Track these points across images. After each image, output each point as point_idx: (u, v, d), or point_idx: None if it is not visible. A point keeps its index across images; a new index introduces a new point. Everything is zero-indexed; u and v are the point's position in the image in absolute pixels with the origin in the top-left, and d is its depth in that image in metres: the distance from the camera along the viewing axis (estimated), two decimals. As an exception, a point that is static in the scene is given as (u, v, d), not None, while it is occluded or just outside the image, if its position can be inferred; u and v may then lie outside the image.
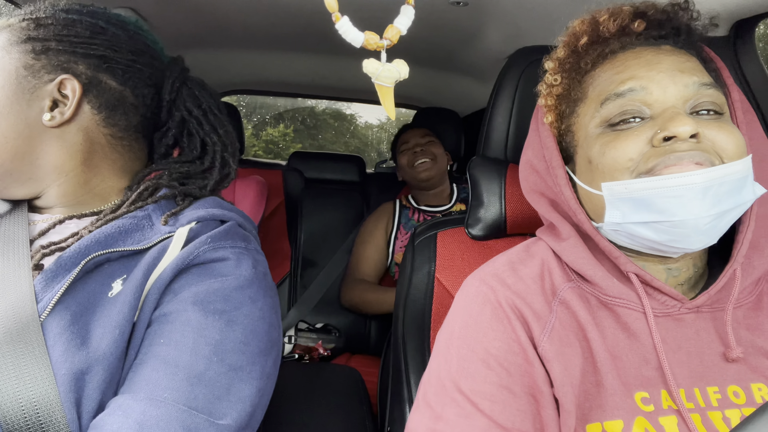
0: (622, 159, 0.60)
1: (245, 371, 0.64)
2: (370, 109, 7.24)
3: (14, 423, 0.59)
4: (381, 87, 0.57)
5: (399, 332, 0.96)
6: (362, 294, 1.79)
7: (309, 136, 7.41)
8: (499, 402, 0.60)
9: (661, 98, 0.60)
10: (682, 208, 0.57)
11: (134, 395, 0.60)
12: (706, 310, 0.64)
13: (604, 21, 0.66)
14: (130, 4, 1.46)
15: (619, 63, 0.64)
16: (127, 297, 0.64)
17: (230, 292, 0.67)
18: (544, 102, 0.71)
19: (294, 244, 2.13)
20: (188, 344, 0.62)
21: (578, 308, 0.64)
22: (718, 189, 0.57)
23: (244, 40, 1.88)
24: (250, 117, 6.96)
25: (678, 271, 0.66)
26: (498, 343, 0.63)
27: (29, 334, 0.61)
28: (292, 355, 1.79)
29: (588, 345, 0.62)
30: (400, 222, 1.90)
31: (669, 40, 0.65)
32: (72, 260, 0.66)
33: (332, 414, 0.99)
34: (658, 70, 0.61)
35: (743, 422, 0.37)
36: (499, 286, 0.66)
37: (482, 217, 0.99)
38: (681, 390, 0.60)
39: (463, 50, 1.80)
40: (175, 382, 0.60)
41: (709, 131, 0.59)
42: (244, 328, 0.66)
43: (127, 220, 0.71)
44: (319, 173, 2.39)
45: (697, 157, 0.57)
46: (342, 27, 0.54)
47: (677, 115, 0.58)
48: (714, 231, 0.60)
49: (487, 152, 1.02)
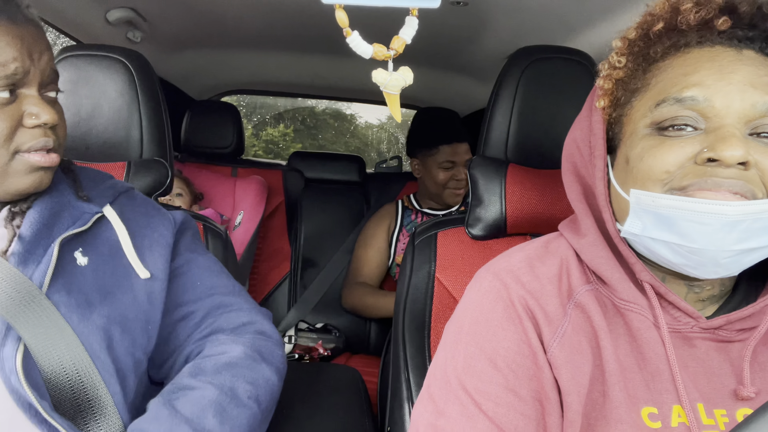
0: (658, 170, 0.55)
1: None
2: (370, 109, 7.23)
3: (59, 386, 0.66)
4: (388, 94, 0.59)
5: (399, 332, 0.96)
6: (362, 298, 1.78)
7: (309, 136, 7.41)
8: (503, 404, 0.58)
9: (722, 113, 0.54)
10: (704, 237, 0.53)
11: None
12: (721, 334, 0.60)
13: (685, 10, 0.58)
14: (130, 4, 1.46)
15: (691, 61, 0.57)
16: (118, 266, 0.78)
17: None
18: (602, 83, 0.64)
19: (294, 244, 2.13)
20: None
21: (594, 313, 0.61)
22: (750, 225, 0.52)
23: (244, 40, 1.88)
24: (250, 117, 6.96)
25: (701, 289, 0.61)
26: (507, 344, 0.61)
27: (39, 302, 0.67)
28: (292, 355, 1.79)
29: (599, 353, 0.60)
30: (403, 224, 1.88)
31: (756, 43, 0.57)
32: (35, 240, 0.72)
33: (332, 414, 0.99)
34: (729, 80, 0.54)
35: (743, 422, 0.37)
36: (513, 283, 0.63)
37: (482, 216, 0.99)
38: (699, 405, 0.57)
39: (463, 50, 1.80)
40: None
41: (764, 159, 0.53)
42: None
43: (52, 201, 0.76)
44: (319, 173, 2.39)
45: (737, 187, 0.52)
46: (353, 41, 0.56)
47: (730, 137, 0.52)
48: (735, 265, 0.56)
49: (487, 152, 1.02)
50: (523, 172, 0.99)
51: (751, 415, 0.37)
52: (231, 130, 2.17)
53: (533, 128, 1.01)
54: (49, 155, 0.71)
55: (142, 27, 1.59)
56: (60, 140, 0.74)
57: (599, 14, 1.25)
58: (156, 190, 1.03)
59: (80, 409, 0.67)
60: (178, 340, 0.82)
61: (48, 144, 0.71)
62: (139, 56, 1.06)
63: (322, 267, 2.07)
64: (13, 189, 0.70)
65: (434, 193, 1.83)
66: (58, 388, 0.66)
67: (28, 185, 0.71)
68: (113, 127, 1.03)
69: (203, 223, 1.07)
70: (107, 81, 1.03)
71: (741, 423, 0.37)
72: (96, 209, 0.79)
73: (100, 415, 0.68)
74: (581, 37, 1.38)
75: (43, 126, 0.70)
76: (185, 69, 2.12)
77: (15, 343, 0.66)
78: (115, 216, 0.81)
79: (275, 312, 2.03)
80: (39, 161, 0.70)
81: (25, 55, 0.67)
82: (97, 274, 0.75)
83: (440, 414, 0.61)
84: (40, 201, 0.75)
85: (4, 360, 0.65)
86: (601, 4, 1.20)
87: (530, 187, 0.98)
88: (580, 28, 1.34)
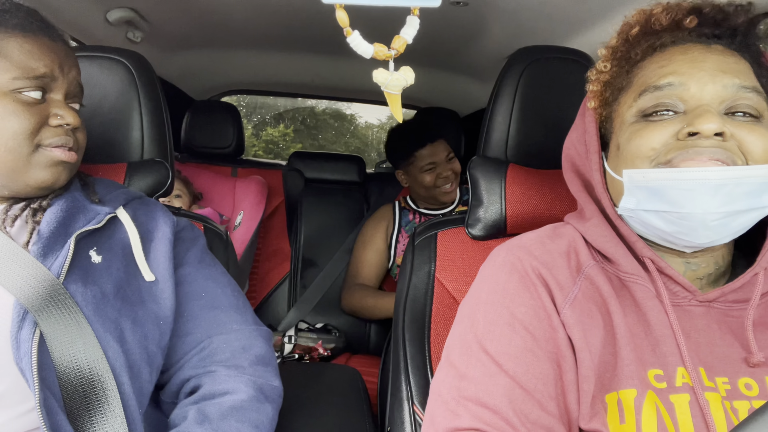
0: (645, 148, 0.62)
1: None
2: (370, 109, 7.23)
3: (71, 383, 0.68)
4: (389, 94, 0.60)
5: (399, 332, 0.96)
6: (362, 300, 1.78)
7: (309, 136, 7.41)
8: (522, 364, 0.62)
9: (697, 95, 0.61)
10: (691, 202, 0.58)
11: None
12: (718, 306, 0.64)
13: (656, 14, 0.66)
14: (130, 4, 1.46)
15: (666, 57, 0.65)
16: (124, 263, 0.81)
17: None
18: (591, 87, 0.72)
19: (294, 244, 2.13)
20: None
21: (602, 284, 0.66)
22: (733, 189, 0.57)
23: (244, 40, 1.88)
24: (250, 117, 6.95)
25: (697, 266, 0.66)
26: (524, 309, 0.65)
27: (61, 298, 0.71)
28: (292, 355, 1.79)
29: (609, 318, 0.64)
30: (401, 225, 1.88)
31: (723, 40, 0.65)
32: (53, 236, 0.76)
33: (332, 414, 0.99)
34: (700, 68, 0.61)
35: (743, 422, 0.37)
36: (526, 255, 0.69)
37: (482, 217, 0.99)
38: (701, 368, 0.61)
39: (463, 50, 1.80)
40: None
41: (739, 131, 0.59)
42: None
43: (68, 203, 0.82)
44: (319, 173, 2.39)
45: (717, 155, 0.58)
46: (354, 41, 0.56)
47: (706, 113, 0.58)
48: (724, 229, 0.60)
49: (487, 152, 1.03)
50: (523, 172, 0.99)
51: (751, 415, 0.37)
52: (231, 130, 2.17)
53: (533, 128, 1.01)
54: (69, 152, 0.80)
55: (142, 27, 1.59)
56: (79, 143, 0.83)
57: (599, 14, 1.25)
58: (157, 191, 1.03)
59: (87, 403, 0.69)
60: (177, 355, 0.84)
61: (68, 143, 0.80)
62: (139, 57, 1.06)
63: (322, 267, 2.07)
64: (32, 181, 0.78)
65: (426, 195, 1.85)
66: (69, 382, 0.69)
67: (47, 178, 0.79)
68: (114, 127, 1.03)
69: (203, 224, 1.07)
70: (108, 82, 1.03)
71: (741, 423, 0.37)
72: (109, 210, 0.84)
73: (106, 412, 0.69)
74: (581, 37, 1.38)
75: (65, 126, 0.80)
76: (185, 69, 2.12)
77: (32, 327, 0.69)
78: (127, 217, 0.86)
79: (275, 312, 2.03)
80: (59, 155, 0.79)
81: (56, 66, 0.79)
82: (110, 271, 0.79)
83: (462, 377, 0.64)
84: (57, 201, 0.81)
85: (21, 342, 0.68)
86: (601, 4, 1.20)
87: (530, 187, 0.98)
88: (580, 28, 1.35)
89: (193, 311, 0.85)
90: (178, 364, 0.83)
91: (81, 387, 0.69)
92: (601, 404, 0.61)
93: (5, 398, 0.68)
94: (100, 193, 0.88)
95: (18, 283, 0.70)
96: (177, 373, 0.83)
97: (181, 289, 0.86)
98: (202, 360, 0.83)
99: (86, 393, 0.69)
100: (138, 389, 0.74)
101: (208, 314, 0.86)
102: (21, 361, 0.67)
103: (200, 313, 0.86)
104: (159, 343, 0.79)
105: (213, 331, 0.85)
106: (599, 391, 0.61)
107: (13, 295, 0.70)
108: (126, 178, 1.01)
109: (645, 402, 0.59)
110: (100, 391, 0.69)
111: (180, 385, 0.83)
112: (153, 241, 0.86)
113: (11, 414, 0.69)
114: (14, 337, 0.68)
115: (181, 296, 0.85)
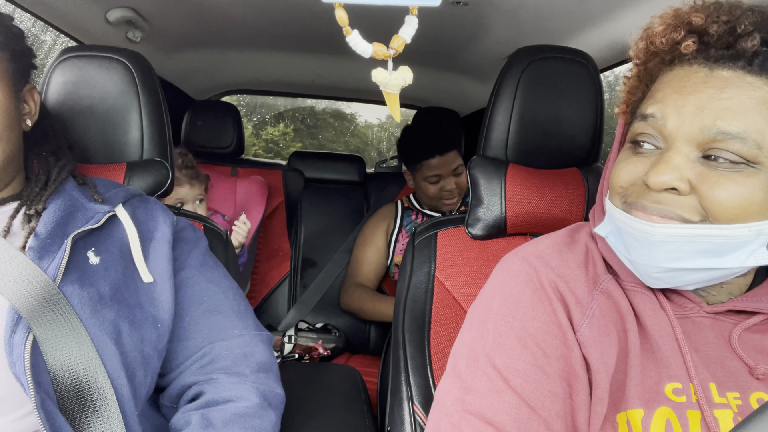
0: (616, 184, 0.61)
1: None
2: (370, 109, 7.23)
3: (65, 385, 0.68)
4: (388, 94, 0.60)
5: (399, 332, 0.96)
6: (360, 303, 1.78)
7: (309, 136, 7.41)
8: (531, 381, 0.59)
9: (673, 134, 0.56)
10: (635, 251, 0.59)
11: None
12: (725, 319, 0.62)
13: (655, 33, 0.60)
14: (130, 3, 1.46)
15: (668, 78, 0.59)
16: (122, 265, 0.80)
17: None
18: (621, 89, 0.68)
19: (294, 244, 2.13)
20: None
21: (619, 298, 0.64)
22: (681, 246, 0.55)
23: (244, 40, 1.88)
24: (250, 117, 6.96)
25: (706, 293, 0.64)
26: (537, 324, 0.62)
27: (55, 301, 0.70)
28: (292, 355, 1.79)
29: (625, 336, 0.62)
30: (403, 224, 1.88)
31: (740, 61, 0.54)
32: (50, 237, 0.76)
33: (332, 414, 0.99)
34: (685, 101, 0.55)
35: (743, 422, 0.37)
36: (542, 266, 0.65)
37: (482, 216, 0.99)
38: (712, 384, 0.59)
39: (463, 50, 1.79)
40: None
41: (706, 183, 0.54)
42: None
43: (65, 203, 0.81)
44: (319, 173, 2.39)
45: (662, 212, 0.55)
46: (353, 40, 0.56)
47: (664, 163, 0.55)
48: (673, 280, 0.59)
49: (487, 152, 1.02)
50: (523, 172, 0.99)
51: (751, 415, 0.37)
52: (231, 130, 2.17)
53: (533, 128, 1.01)
54: None
55: (142, 27, 1.59)
56: None
57: (599, 14, 1.25)
58: (156, 191, 1.03)
59: (83, 405, 0.69)
60: (177, 359, 0.83)
61: None
62: (139, 57, 1.06)
63: (322, 267, 2.07)
64: None
65: (426, 201, 1.84)
66: (63, 384, 0.68)
67: None
68: (113, 127, 1.03)
69: (204, 224, 1.07)
70: (108, 81, 1.03)
71: (740, 423, 0.37)
72: (108, 208, 0.83)
73: (102, 413, 0.69)
74: (581, 37, 1.38)
75: None
76: (185, 69, 2.12)
77: (25, 331, 0.68)
78: (126, 216, 0.84)
79: (275, 312, 2.03)
80: None
81: None
82: (108, 273, 0.78)
83: (468, 389, 0.61)
84: (54, 202, 0.80)
85: (13, 346, 0.67)
86: (601, 4, 1.20)
87: (530, 187, 0.98)
88: (580, 28, 1.34)
89: (194, 315, 0.84)
90: (178, 369, 0.83)
91: (76, 389, 0.68)
92: (611, 425, 0.59)
93: (3, 402, 0.68)
94: (99, 192, 0.87)
95: (11, 287, 0.69)
96: (178, 378, 0.83)
97: (182, 293, 0.85)
98: (204, 367, 0.82)
99: (81, 395, 0.68)
100: (133, 391, 0.73)
101: (209, 319, 0.85)
102: (14, 365, 0.66)
103: (201, 317, 0.85)
104: (156, 346, 0.78)
105: (214, 337, 0.84)
106: (610, 411, 0.59)
107: (6, 299, 0.69)
108: (125, 177, 1.01)
109: (653, 422, 0.57)
110: (96, 393, 0.69)
111: (181, 391, 0.82)
112: (152, 242, 0.85)
113: (10, 418, 0.68)
114: (7, 341, 0.67)
115: (182, 300, 0.84)
